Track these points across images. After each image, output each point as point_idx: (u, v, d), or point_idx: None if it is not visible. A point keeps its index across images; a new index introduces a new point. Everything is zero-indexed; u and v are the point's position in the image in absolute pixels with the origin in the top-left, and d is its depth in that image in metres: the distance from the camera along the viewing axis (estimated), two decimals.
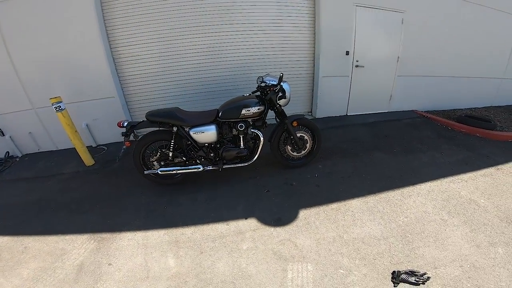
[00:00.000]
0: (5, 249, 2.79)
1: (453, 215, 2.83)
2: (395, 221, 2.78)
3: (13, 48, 4.15)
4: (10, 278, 2.43)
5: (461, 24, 5.35)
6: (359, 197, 3.18)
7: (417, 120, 5.38)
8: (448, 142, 4.39)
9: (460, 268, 2.24)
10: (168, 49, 4.58)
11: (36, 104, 4.54)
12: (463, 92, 6.02)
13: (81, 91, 4.52)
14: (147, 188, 3.64)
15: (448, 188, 3.25)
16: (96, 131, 4.95)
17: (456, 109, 6.10)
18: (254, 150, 3.45)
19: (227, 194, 3.40)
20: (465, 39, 5.48)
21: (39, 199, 3.62)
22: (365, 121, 5.40)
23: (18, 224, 3.17)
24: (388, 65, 5.41)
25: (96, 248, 2.71)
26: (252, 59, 4.91)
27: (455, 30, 5.36)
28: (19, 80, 4.35)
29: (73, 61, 4.32)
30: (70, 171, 4.28)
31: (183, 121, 3.20)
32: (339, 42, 5.00)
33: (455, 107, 6.13)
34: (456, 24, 5.32)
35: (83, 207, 3.38)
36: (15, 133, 4.79)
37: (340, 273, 2.27)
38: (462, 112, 5.75)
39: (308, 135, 3.70)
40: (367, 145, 4.41)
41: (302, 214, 2.97)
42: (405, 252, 2.42)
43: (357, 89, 5.46)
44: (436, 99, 5.97)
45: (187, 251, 2.61)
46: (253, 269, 2.37)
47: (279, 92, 3.29)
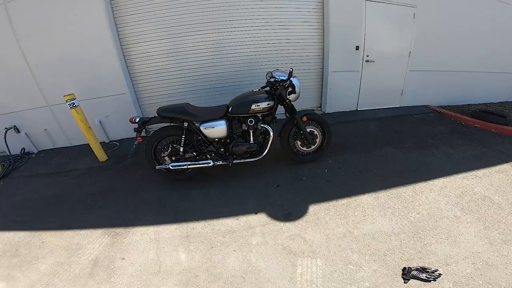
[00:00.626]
0: (22, 244, 2.85)
1: (466, 211, 2.78)
2: (407, 217, 2.75)
3: (26, 47, 4.23)
4: (27, 273, 2.48)
5: (475, 18, 5.21)
6: (369, 192, 3.16)
7: (430, 115, 5.29)
8: (462, 138, 4.30)
9: (473, 265, 2.21)
10: (176, 45, 4.61)
11: (51, 101, 4.63)
12: (478, 87, 5.88)
13: (93, 88, 4.58)
14: (159, 183, 3.68)
15: (461, 184, 3.19)
16: (108, 127, 5.03)
17: (470, 104, 5.96)
18: (264, 145, 3.46)
19: (237, 189, 3.42)
20: (480, 33, 5.34)
21: (55, 195, 3.70)
22: (376, 116, 5.33)
23: (35, 219, 3.24)
24: (399, 60, 5.32)
25: (110, 243, 2.76)
26: (260, 55, 4.89)
27: (468, 24, 5.23)
28: (33, 78, 4.44)
29: (85, 59, 4.38)
30: (84, 167, 4.35)
31: (194, 116, 3.23)
32: (349, 37, 4.94)
33: (469, 102, 5.99)
34: (470, 18, 5.19)
35: (98, 202, 3.44)
36: (30, 130, 4.89)
37: (349, 269, 2.26)
38: (477, 107, 5.62)
39: (318, 130, 3.69)
40: (378, 140, 4.36)
41: (312, 210, 2.96)
42: (417, 249, 2.39)
43: (367, 84, 5.39)
44: (450, 94, 5.84)
45: (197, 245, 2.63)
46: (262, 264, 2.38)
47: (288, 87, 3.28)
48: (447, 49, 5.34)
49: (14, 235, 3.00)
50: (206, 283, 2.25)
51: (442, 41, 5.25)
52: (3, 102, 4.58)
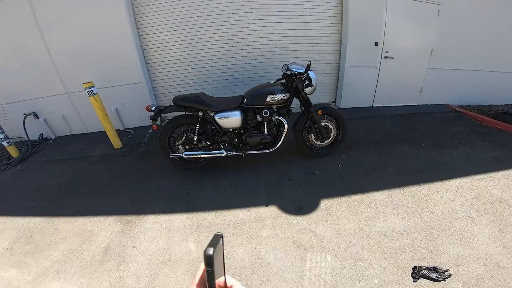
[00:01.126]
0: (37, 231, 2.93)
1: (481, 213, 2.71)
2: (420, 216, 2.70)
3: (48, 36, 4.33)
4: (39, 260, 2.54)
5: (500, 18, 4.99)
6: (383, 190, 3.10)
7: (449, 115, 5.14)
8: (482, 139, 4.16)
9: (484, 267, 2.16)
10: (193, 37, 4.62)
11: (69, 89, 4.75)
12: (500, 88, 5.66)
13: (111, 77, 4.67)
14: (171, 172, 3.72)
15: (478, 185, 3.10)
16: (124, 115, 5.12)
17: (492, 105, 5.75)
18: (278, 137, 3.45)
19: (249, 181, 3.43)
20: (505, 33, 5.13)
21: (71, 181, 3.79)
22: (392, 113, 5.22)
23: (50, 205, 3.32)
24: (420, 57, 5.18)
25: (122, 231, 2.81)
26: (275, 48, 4.85)
27: (494, 24, 5.01)
28: (54, 66, 4.56)
29: (104, 48, 4.46)
30: (99, 153, 4.45)
31: (209, 106, 3.24)
32: (368, 32, 4.83)
33: (490, 103, 5.78)
34: (495, 18, 4.98)
35: (112, 189, 3.50)
36: (49, 116, 5.04)
37: (359, 265, 2.25)
38: (498, 108, 5.43)
39: (333, 125, 3.64)
40: (394, 138, 4.27)
41: (324, 204, 2.94)
42: (428, 248, 2.35)
43: (385, 81, 5.27)
44: (471, 94, 5.66)
45: (208, 236, 2.65)
46: (271, 256, 2.39)
47: (305, 80, 3.25)
48: (470, 47, 5.15)
49: (29, 221, 3.08)
50: None
51: (466, 39, 5.07)
52: (24, 89, 4.71)
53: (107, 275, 2.33)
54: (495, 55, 5.26)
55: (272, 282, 2.17)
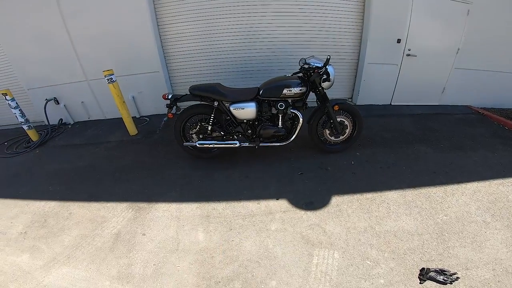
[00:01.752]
0: (51, 215, 3.00)
1: (496, 218, 2.62)
2: (433, 218, 2.64)
3: (71, 24, 4.45)
4: (52, 245, 2.60)
5: None
6: (397, 189, 3.04)
7: (471, 117, 4.96)
8: (504, 143, 4.00)
9: (492, 272, 2.11)
10: (210, 27, 4.61)
11: (89, 76, 4.87)
12: None
13: (129, 65, 4.75)
14: (184, 160, 3.76)
15: (496, 190, 2.99)
16: (140, 103, 5.21)
17: None
18: (292, 130, 3.43)
19: (260, 173, 3.42)
20: None
21: (87, 166, 3.88)
22: (411, 112, 5.08)
23: (66, 189, 3.42)
24: (445, 56, 5.01)
25: (133, 218, 2.85)
26: (293, 41, 4.78)
27: None
28: (75, 54, 4.69)
29: (124, 37, 4.54)
30: (115, 139, 4.55)
31: (225, 96, 3.24)
32: (390, 29, 4.70)
33: None
34: None
35: (125, 175, 3.57)
36: (69, 102, 5.20)
37: (366, 264, 2.22)
38: None
39: (349, 121, 3.58)
40: (411, 137, 4.16)
41: (335, 201, 2.91)
42: (439, 251, 2.31)
43: (405, 79, 5.13)
44: (496, 96, 5.43)
45: (216, 226, 2.67)
46: (279, 250, 2.39)
47: (323, 75, 3.20)
48: (499, 49, 4.93)
49: (45, 205, 3.16)
50: (222, 265, 2.28)
51: (495, 40, 4.85)
52: (46, 75, 4.87)
53: (115, 262, 2.37)
54: None
55: (277, 275, 2.17)
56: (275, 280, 2.14)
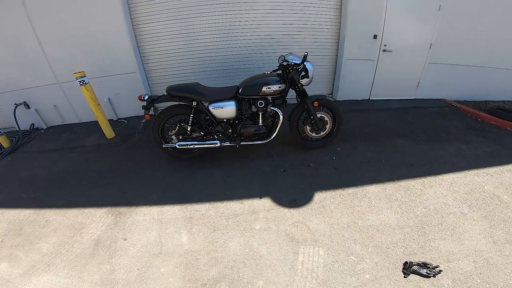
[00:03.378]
0: (27, 223, 2.88)
1: (473, 209, 2.71)
2: (413, 211, 2.70)
3: (38, 26, 4.24)
4: (29, 253, 2.51)
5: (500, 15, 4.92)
6: (377, 183, 3.10)
7: (445, 109, 5.12)
8: (477, 134, 4.15)
9: (473, 264, 2.17)
10: (188, 26, 4.52)
11: (61, 78, 4.68)
12: (498, 84, 5.62)
13: (104, 66, 4.60)
14: (165, 162, 3.68)
15: (471, 181, 3.10)
16: (117, 105, 5.07)
17: (489, 100, 5.73)
18: (273, 128, 3.42)
19: (243, 172, 3.41)
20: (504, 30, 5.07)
21: (62, 171, 3.73)
22: (389, 106, 5.19)
23: (41, 196, 3.27)
24: (419, 52, 5.14)
25: (114, 223, 2.77)
26: (273, 39, 4.77)
27: (493, 21, 4.95)
28: (44, 57, 4.48)
29: (97, 38, 4.38)
30: (92, 143, 4.39)
31: (203, 96, 3.19)
32: (367, 25, 4.77)
33: (487, 99, 5.76)
34: (496, 14, 4.91)
35: (103, 180, 3.46)
36: (40, 106, 4.97)
37: (351, 260, 2.25)
38: (495, 104, 5.41)
39: (329, 117, 3.61)
40: (389, 131, 4.25)
41: (318, 197, 2.93)
42: (420, 244, 2.36)
43: (382, 74, 5.24)
44: (468, 89, 5.62)
45: (200, 228, 2.63)
46: (264, 250, 2.38)
47: (302, 71, 3.21)
48: (471, 43, 5.09)
49: (20, 213, 3.03)
50: (207, 267, 2.26)
51: (467, 35, 5.01)
52: (14, 79, 4.65)
53: (97, 268, 2.31)
54: (493, 51, 5.22)
55: (264, 275, 2.16)
56: (262, 280, 2.13)
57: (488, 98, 5.74)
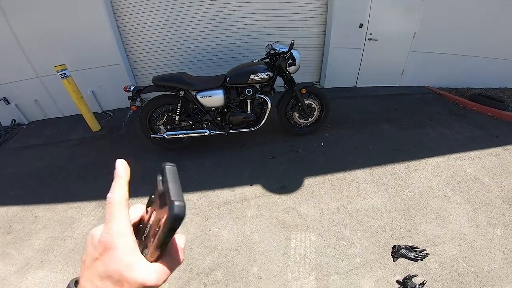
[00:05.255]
0: (16, 220, 2.82)
1: (456, 192, 2.81)
2: (399, 194, 2.78)
3: (14, 20, 4.07)
4: (21, 250, 2.48)
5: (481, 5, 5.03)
6: (364, 168, 3.17)
7: (428, 96, 5.24)
8: (459, 120, 4.29)
9: (458, 247, 2.25)
10: (173, 16, 4.43)
11: (41, 72, 4.52)
12: (479, 72, 5.77)
13: (86, 59, 4.48)
14: (153, 153, 3.65)
15: (454, 164, 3.21)
16: (101, 97, 4.95)
17: (470, 87, 5.89)
18: (261, 115, 3.44)
19: (233, 160, 3.42)
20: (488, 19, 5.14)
21: (47, 166, 3.64)
22: (374, 93, 5.28)
23: (28, 193, 3.20)
24: (403, 40, 5.22)
25: (104, 216, 2.71)
26: (260, 28, 4.75)
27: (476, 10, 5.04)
28: (22, 51, 4.31)
29: (77, 30, 4.24)
30: (77, 137, 4.29)
31: (190, 85, 3.16)
32: (353, 14, 4.80)
33: (469, 86, 5.91)
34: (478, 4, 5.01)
35: (91, 174, 3.40)
36: (21, 101, 4.81)
37: (342, 245, 2.30)
38: (476, 91, 5.56)
39: (316, 103, 3.64)
40: (375, 117, 4.33)
41: (307, 183, 2.98)
42: (407, 227, 2.43)
43: (368, 62, 5.31)
44: (450, 77, 5.76)
45: (192, 217, 2.63)
46: (257, 237, 2.41)
47: (289, 59, 3.22)
48: (453, 32, 5.19)
49: (7, 210, 2.96)
50: (201, 256, 2.27)
51: (449, 24, 5.10)
52: None
53: None
54: (474, 40, 5.34)
55: (258, 262, 2.20)
56: (256, 266, 2.17)
57: (470, 85, 5.90)
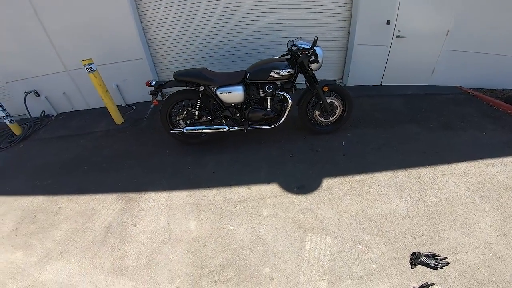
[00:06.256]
0: (41, 210, 2.94)
1: (486, 199, 2.62)
2: (423, 200, 2.63)
3: (44, 16, 4.23)
4: (44, 241, 2.57)
5: None
6: (387, 170, 3.03)
7: (460, 97, 4.94)
8: (493, 122, 3.99)
9: (482, 256, 2.12)
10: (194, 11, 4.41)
11: (69, 66, 4.69)
12: None
13: (111, 53, 4.58)
14: (173, 147, 3.69)
15: (485, 170, 2.99)
16: (125, 91, 5.07)
17: (506, 89, 5.52)
18: (281, 113, 3.37)
19: (251, 157, 3.38)
20: None
21: (73, 157, 3.78)
22: (401, 92, 5.04)
23: (53, 183, 3.33)
24: (435, 38, 4.93)
25: (123, 209, 2.81)
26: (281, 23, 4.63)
27: None
28: (52, 45, 4.49)
29: (103, 25, 4.34)
30: (101, 129, 4.43)
31: (211, 80, 3.15)
32: (380, 10, 4.58)
33: (504, 87, 5.55)
34: None
35: (113, 166, 3.50)
36: (50, 93, 5.03)
37: (358, 249, 2.22)
38: None
39: (339, 102, 3.52)
40: (401, 117, 4.13)
41: (326, 183, 2.89)
42: (429, 234, 2.31)
43: (395, 60, 5.07)
44: (485, 77, 5.38)
45: (208, 214, 2.64)
46: (271, 236, 2.37)
47: (311, 56, 3.11)
48: (489, 31, 4.85)
49: (33, 200, 3.08)
50: (214, 253, 2.27)
51: (486, 22, 4.77)
52: (23, 68, 4.69)
53: (109, 255, 2.35)
54: None
55: (270, 262, 2.16)
56: (268, 267, 2.13)
57: (505, 86, 5.51)
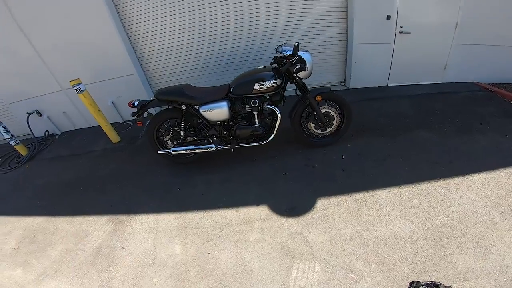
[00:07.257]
0: (39, 230, 3.06)
1: (506, 217, 2.25)
2: (432, 220, 2.31)
3: (31, 34, 4.24)
4: (41, 260, 2.68)
5: None
6: (391, 186, 2.71)
7: (478, 94, 4.46)
8: None
9: (494, 282, 1.82)
10: (182, 21, 4.29)
11: (64, 85, 4.68)
12: None
13: (103, 70, 4.56)
14: (165, 167, 3.66)
15: (507, 182, 2.59)
16: (121, 107, 5.01)
17: None
18: (271, 128, 3.13)
19: (242, 176, 3.22)
20: None
21: (71, 178, 3.91)
22: (410, 93, 4.64)
23: (52, 204, 3.44)
24: (442, 32, 4.52)
25: (113, 231, 2.84)
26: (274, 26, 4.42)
27: None
28: (44, 65, 4.51)
29: (89, 42, 4.29)
30: (99, 148, 4.49)
31: (192, 98, 2.98)
32: (378, 5, 4.25)
33: None
34: None
35: (107, 186, 3.54)
36: (51, 113, 5.11)
37: (350, 278, 2.00)
38: None
39: (335, 111, 3.23)
40: (410, 122, 3.76)
41: (320, 204, 2.65)
42: (434, 259, 2.02)
43: (401, 58, 4.70)
44: (505, 71, 4.90)
45: (193, 238, 2.58)
46: (256, 263, 2.24)
47: (297, 64, 2.83)
48: (506, 22, 4.39)
49: (34, 220, 3.22)
50: (197, 279, 2.21)
51: (500, 14, 4.30)
52: (21, 88, 4.77)
53: (97, 276, 2.41)
54: None
55: None
56: None
57: None
